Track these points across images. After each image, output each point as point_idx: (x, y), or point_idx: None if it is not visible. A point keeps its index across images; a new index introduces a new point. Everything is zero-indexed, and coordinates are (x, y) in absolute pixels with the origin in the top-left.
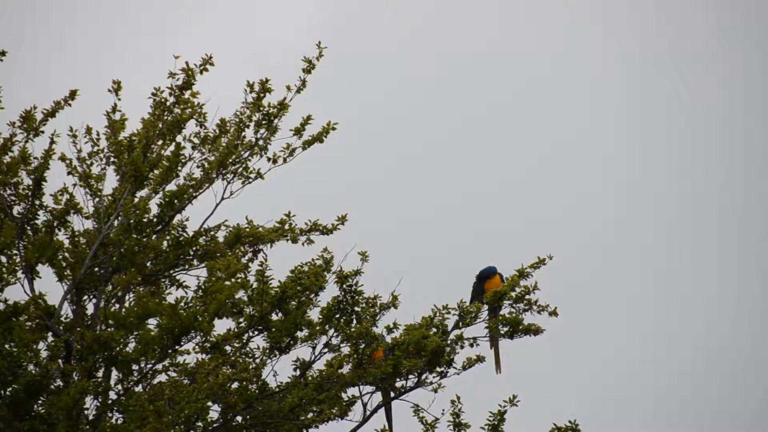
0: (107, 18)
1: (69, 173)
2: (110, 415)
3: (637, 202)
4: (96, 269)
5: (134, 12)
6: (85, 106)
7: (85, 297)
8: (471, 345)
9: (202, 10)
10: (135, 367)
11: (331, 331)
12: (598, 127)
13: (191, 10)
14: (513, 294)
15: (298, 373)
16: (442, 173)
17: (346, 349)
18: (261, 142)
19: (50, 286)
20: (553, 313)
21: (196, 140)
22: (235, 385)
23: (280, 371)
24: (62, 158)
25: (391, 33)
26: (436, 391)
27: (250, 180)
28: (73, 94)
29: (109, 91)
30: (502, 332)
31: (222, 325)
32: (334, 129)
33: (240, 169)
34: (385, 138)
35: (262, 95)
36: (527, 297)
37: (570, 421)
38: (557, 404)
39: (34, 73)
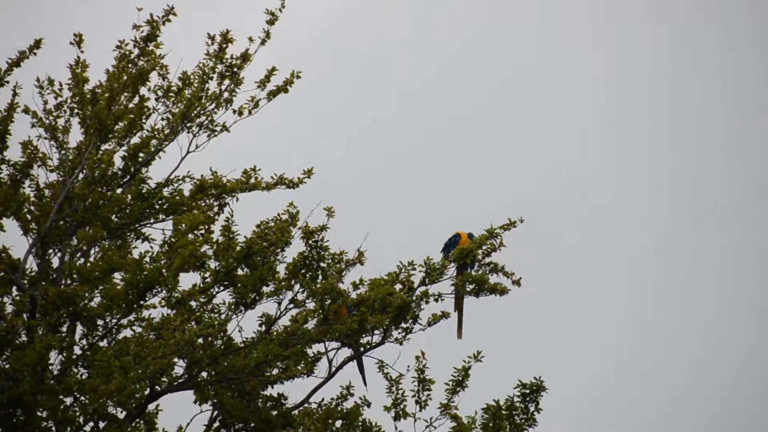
0: None
1: (33, 125)
2: (75, 370)
3: (637, 203)
4: (61, 223)
5: None
6: (54, 57)
7: (50, 251)
8: (436, 300)
9: None
10: (100, 322)
11: (297, 287)
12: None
13: None
14: (479, 251)
15: (263, 328)
16: (417, 139)
17: (311, 305)
18: (226, 94)
19: (15, 240)
20: (516, 282)
21: (160, 93)
22: (200, 340)
23: (245, 327)
24: (26, 110)
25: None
26: (401, 344)
27: (216, 133)
28: (37, 44)
29: (71, 43)
30: (468, 290)
31: (187, 280)
32: (299, 78)
33: (206, 122)
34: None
35: (224, 46)
36: (493, 261)
37: (535, 377)
38: (524, 365)
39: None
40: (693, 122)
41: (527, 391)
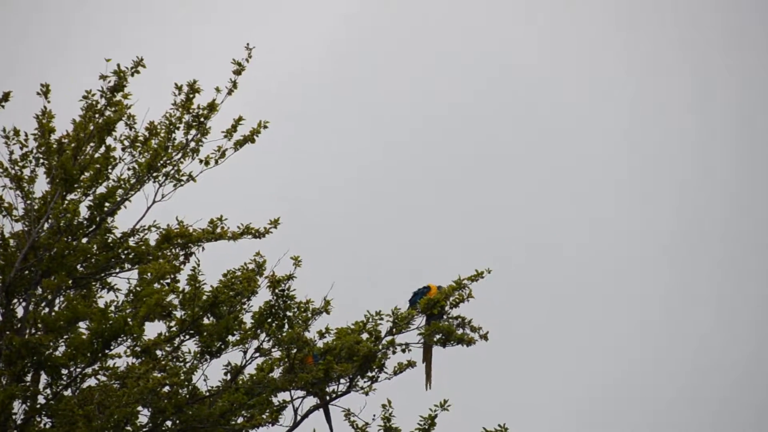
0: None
1: None
2: (39, 419)
3: (639, 210)
4: (26, 272)
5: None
6: (21, 106)
7: (15, 300)
8: (403, 351)
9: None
10: (64, 371)
11: (263, 336)
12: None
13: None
14: (447, 302)
15: (229, 377)
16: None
17: (277, 354)
18: (192, 144)
19: None
20: (484, 337)
21: (126, 142)
22: (165, 389)
23: (210, 376)
24: None
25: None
26: (367, 393)
27: (182, 183)
28: (6, 96)
29: (38, 94)
30: (434, 339)
31: (153, 329)
32: (265, 128)
33: (172, 172)
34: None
35: (191, 96)
36: (461, 315)
37: (499, 425)
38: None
39: None
40: (693, 122)
41: None
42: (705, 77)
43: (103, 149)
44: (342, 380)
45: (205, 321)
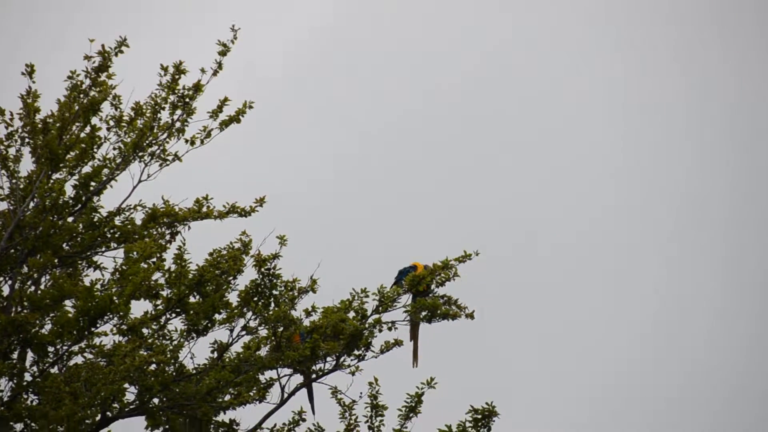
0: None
1: None
2: (25, 396)
3: (641, 204)
4: (11, 251)
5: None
6: (5, 86)
7: (1, 279)
8: (389, 329)
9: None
10: (51, 348)
11: (249, 314)
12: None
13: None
14: (433, 280)
15: (215, 355)
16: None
17: (263, 332)
18: (178, 124)
19: None
20: (470, 316)
21: (111, 122)
22: (152, 367)
23: (197, 353)
24: None
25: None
26: (353, 374)
27: (168, 162)
28: None
29: (23, 74)
30: (420, 316)
31: (139, 308)
32: (251, 108)
33: (157, 152)
34: (315, 119)
35: (177, 77)
36: (447, 294)
37: (487, 403)
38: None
39: None
40: (694, 122)
41: (479, 417)
42: (701, 74)
43: (88, 129)
44: (329, 358)
45: (192, 299)
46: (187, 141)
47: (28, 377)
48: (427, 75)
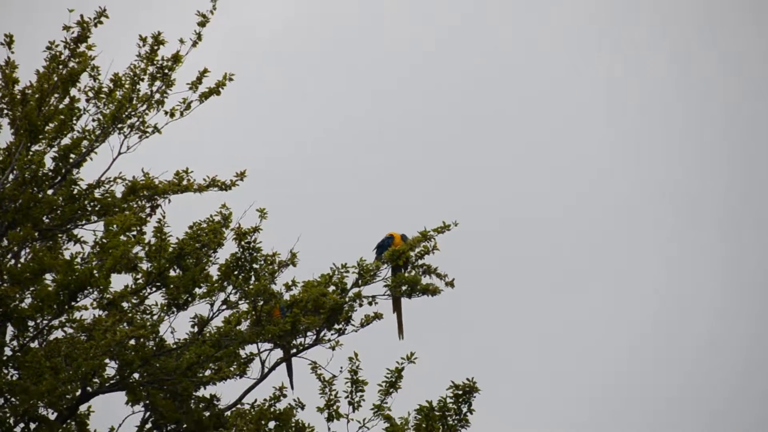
0: None
1: None
2: (6, 371)
3: (640, 203)
4: None
5: None
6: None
7: None
8: (369, 303)
9: None
10: (31, 323)
11: (230, 288)
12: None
13: None
14: (413, 254)
15: (195, 329)
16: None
17: (244, 306)
18: (157, 96)
19: None
20: (450, 284)
21: (90, 93)
22: (132, 341)
23: (177, 328)
24: None
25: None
26: (334, 348)
27: (147, 134)
28: None
29: (1, 44)
30: (401, 291)
31: (119, 281)
32: (231, 80)
33: (137, 123)
34: (295, 93)
35: (156, 48)
36: (426, 264)
37: (468, 379)
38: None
39: None
40: (693, 123)
41: (460, 393)
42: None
43: (67, 100)
44: (309, 333)
45: (172, 273)
46: (166, 113)
47: (8, 351)
48: (427, 75)
